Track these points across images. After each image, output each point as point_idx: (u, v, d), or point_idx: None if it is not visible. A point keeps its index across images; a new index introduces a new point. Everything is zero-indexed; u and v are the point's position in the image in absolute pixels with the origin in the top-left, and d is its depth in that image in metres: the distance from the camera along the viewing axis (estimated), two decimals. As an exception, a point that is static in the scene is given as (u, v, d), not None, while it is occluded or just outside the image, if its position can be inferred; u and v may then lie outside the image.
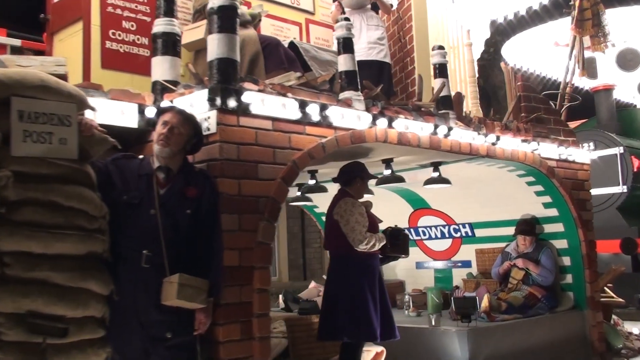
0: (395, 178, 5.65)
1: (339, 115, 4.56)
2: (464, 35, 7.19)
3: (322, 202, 8.19)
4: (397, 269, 8.43)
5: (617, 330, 7.21)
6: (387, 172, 5.61)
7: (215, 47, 4.03)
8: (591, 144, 10.63)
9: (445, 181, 6.03)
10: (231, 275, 3.88)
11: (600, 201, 10.46)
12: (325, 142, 4.49)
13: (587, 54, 8.65)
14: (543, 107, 6.75)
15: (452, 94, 5.83)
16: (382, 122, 4.83)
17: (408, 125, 5.07)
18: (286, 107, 4.24)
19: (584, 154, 7.02)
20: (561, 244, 6.94)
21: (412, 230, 8.12)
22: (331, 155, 5.04)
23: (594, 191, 10.52)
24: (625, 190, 10.24)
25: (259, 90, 4.16)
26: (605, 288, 7.74)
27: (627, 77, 11.98)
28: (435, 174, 6.03)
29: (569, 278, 6.92)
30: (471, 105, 7.26)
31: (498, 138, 5.87)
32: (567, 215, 6.78)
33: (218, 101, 3.92)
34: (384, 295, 4.97)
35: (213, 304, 3.71)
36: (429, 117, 5.34)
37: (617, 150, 10.34)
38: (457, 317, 5.68)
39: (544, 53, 12.49)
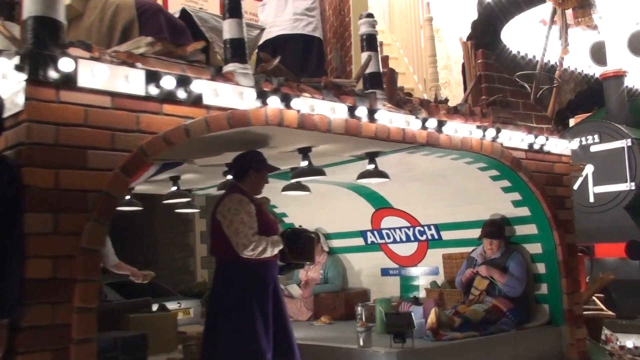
0: (313, 171, 4.76)
1: (210, 92, 3.71)
2: (423, 9, 6.26)
3: (277, 200, 7.37)
4: (362, 276, 7.55)
5: (603, 349, 6.18)
6: (304, 163, 4.72)
7: (29, 3, 3.23)
8: (596, 136, 9.56)
9: (382, 175, 5.12)
10: (41, 290, 3.07)
11: (606, 200, 9.39)
12: (190, 125, 3.64)
13: (580, 32, 7.65)
14: (509, 89, 5.78)
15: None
16: (274, 101, 3.96)
17: (314, 106, 4.18)
18: (130, 80, 3.41)
19: (561, 143, 6.02)
20: (535, 248, 5.96)
21: (375, 232, 7.22)
22: (224, 142, 4.21)
23: (599, 189, 9.50)
24: (633, 188, 9.12)
25: (92, 58, 3.33)
26: (595, 299, 6.71)
27: (640, 62, 10.84)
28: (371, 167, 5.12)
29: (544, 288, 5.94)
30: (430, 89, 6.35)
31: (442, 123, 4.94)
32: (540, 215, 5.81)
33: (27, 70, 3.11)
34: (280, 311, 4.10)
35: (7, 327, 2.91)
36: (347, 97, 4.45)
37: (624, 143, 9.23)
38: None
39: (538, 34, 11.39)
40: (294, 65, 5.14)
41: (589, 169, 9.54)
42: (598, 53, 10.82)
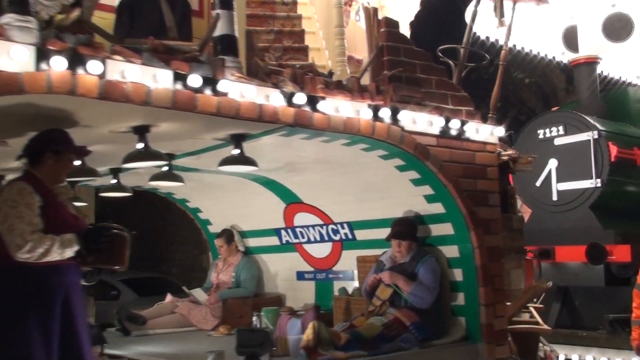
0: (150, 154, 3.92)
1: (-39, 47, 2.89)
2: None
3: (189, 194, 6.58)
4: (278, 280, 6.71)
5: (533, 370, 5.31)
6: (140, 146, 3.88)
7: None
8: (560, 127, 8.67)
9: (248, 162, 4.27)
10: None
11: (570, 198, 8.51)
12: None
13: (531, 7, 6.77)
14: (420, 64, 4.90)
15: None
16: (60, 63, 3.13)
17: (126, 71, 3.34)
18: None
19: (484, 129, 5.15)
20: (451, 251, 5.10)
21: (289, 230, 6.37)
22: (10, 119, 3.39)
23: (563, 185, 8.60)
24: (599, 185, 8.23)
25: None
26: (533, 310, 5.83)
27: (616, 48, 9.89)
28: (236, 152, 4.27)
29: (460, 298, 5.08)
30: (336, 63, 5.51)
31: (315, 99, 4.08)
32: (456, 213, 4.94)
33: None
34: (72, 326, 3.26)
35: None
36: (180, 64, 3.60)
37: (590, 136, 8.32)
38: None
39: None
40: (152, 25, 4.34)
41: (552, 164, 8.65)
42: (571, 38, 9.88)
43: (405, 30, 7.42)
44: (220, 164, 4.30)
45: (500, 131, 5.22)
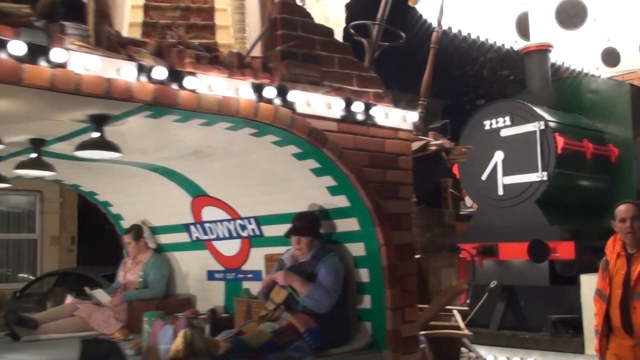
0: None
1: None
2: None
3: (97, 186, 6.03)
4: (189, 280, 6.18)
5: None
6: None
7: None
8: (507, 118, 8.20)
9: (110, 147, 3.74)
10: None
11: (516, 192, 8.06)
12: None
13: None
14: (320, 40, 4.38)
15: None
16: None
17: None
18: None
19: (395, 114, 4.63)
20: (358, 249, 4.59)
21: (198, 226, 5.85)
22: None
23: (509, 179, 8.14)
24: (545, 178, 7.77)
25: None
26: (456, 313, 5.35)
27: (569, 36, 9.45)
28: (96, 135, 3.74)
29: (367, 301, 4.57)
30: (236, 41, 4.99)
31: (180, 75, 3.55)
32: (360, 206, 4.44)
33: None
34: None
35: None
36: (5, 29, 3.06)
37: (536, 127, 7.86)
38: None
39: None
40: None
41: (498, 157, 8.19)
42: (524, 26, 9.43)
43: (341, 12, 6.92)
44: (76, 149, 3.76)
45: (414, 116, 4.71)
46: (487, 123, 8.31)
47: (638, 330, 4.37)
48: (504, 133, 8.13)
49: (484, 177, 8.26)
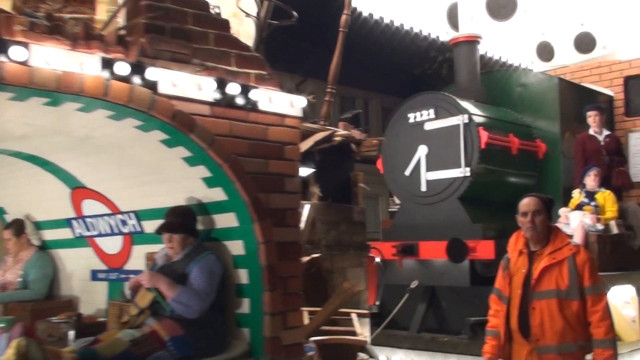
0: None
1: None
2: None
3: None
4: (73, 280, 5.66)
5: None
6: None
7: None
8: (431, 111, 7.84)
9: None
10: None
11: (439, 189, 7.71)
12: None
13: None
14: (194, 14, 3.91)
15: None
16: None
17: None
18: None
19: (281, 99, 4.20)
20: (238, 247, 4.16)
21: (80, 221, 5.34)
22: None
23: (432, 175, 7.79)
24: (468, 174, 7.43)
25: None
26: (354, 318, 4.95)
27: (499, 28, 9.19)
28: None
29: (246, 305, 4.14)
30: (107, 13, 4.50)
31: (4, 44, 3.05)
32: (238, 200, 3.99)
33: None
34: None
35: None
36: None
37: (460, 120, 7.52)
38: None
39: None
40: None
41: (422, 151, 7.83)
42: (455, 17, 9.11)
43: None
44: None
45: (303, 102, 4.28)
46: (411, 116, 7.94)
47: (535, 333, 4.04)
48: (427, 127, 7.78)
49: (407, 173, 7.89)
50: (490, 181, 7.72)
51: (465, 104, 7.64)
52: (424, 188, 7.77)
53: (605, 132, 7.90)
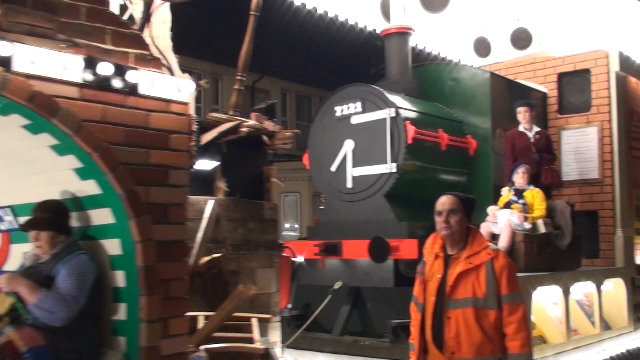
0: None
1: None
2: None
3: None
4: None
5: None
6: None
7: None
8: (358, 104, 7.51)
9: None
10: None
11: (365, 185, 7.38)
12: None
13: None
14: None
15: None
16: None
17: None
18: None
19: (168, 82, 3.80)
20: (114, 246, 3.74)
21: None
22: None
23: (358, 170, 7.46)
24: (394, 170, 7.13)
25: None
26: (254, 323, 4.57)
27: (432, 19, 8.93)
28: None
29: (123, 311, 3.72)
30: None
31: None
32: (112, 194, 3.57)
33: None
34: None
35: None
36: None
37: (387, 114, 7.21)
38: None
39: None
40: None
41: (348, 146, 7.50)
42: (388, 8, 8.80)
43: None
44: None
45: (191, 86, 3.88)
46: (338, 109, 7.61)
47: (450, 345, 3.71)
48: (354, 120, 7.45)
49: (333, 168, 7.56)
50: (418, 178, 7.44)
51: (393, 97, 7.34)
52: (349, 184, 7.45)
53: (536, 129, 7.69)
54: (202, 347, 4.09)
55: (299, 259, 7.42)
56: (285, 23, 11.26)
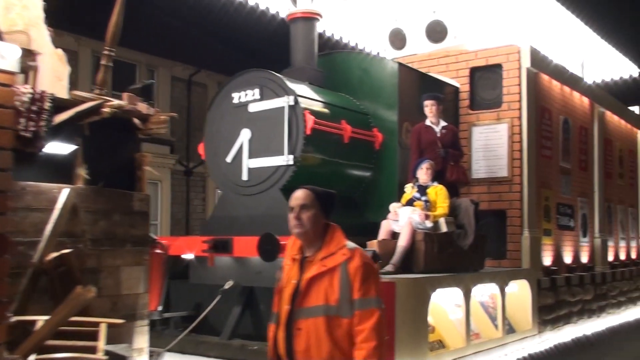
0: None
1: None
2: None
3: None
4: None
5: None
6: None
7: None
8: (256, 91, 7.02)
9: None
10: None
11: (261, 178, 6.92)
12: None
13: None
14: None
15: None
16: None
17: None
18: None
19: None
20: None
21: None
22: None
23: (255, 162, 6.97)
24: (291, 162, 6.67)
25: None
26: (102, 329, 4.01)
27: (338, 5, 8.55)
28: None
29: None
30: None
31: None
32: None
33: None
34: None
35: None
36: None
37: (285, 102, 6.74)
38: None
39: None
40: None
41: (245, 136, 7.01)
42: (297, -7, 8.33)
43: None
44: None
45: (16, 52, 3.30)
46: (235, 96, 7.10)
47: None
48: (252, 108, 6.95)
49: (228, 159, 7.05)
50: (317, 171, 7.01)
51: (293, 85, 6.88)
52: (245, 177, 6.96)
53: (443, 123, 7.37)
54: (32, 357, 3.52)
55: (189, 256, 6.90)
56: (225, 17, 10.69)
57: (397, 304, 5.69)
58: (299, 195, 3.41)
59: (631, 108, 13.33)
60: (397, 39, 9.98)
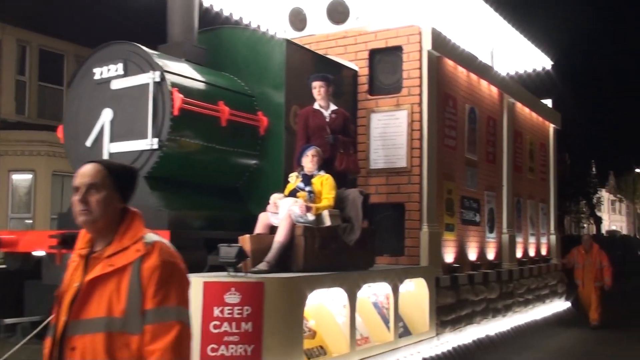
0: None
1: None
2: None
3: None
4: None
5: None
6: None
7: None
8: (120, 66, 6.19)
9: None
10: None
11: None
12: None
13: None
14: None
15: None
16: None
17: None
18: None
19: None
20: None
21: None
22: None
23: (116, 146, 6.09)
24: (155, 146, 5.87)
25: None
26: None
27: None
28: None
29: None
30: None
31: None
32: None
33: None
34: None
35: None
36: None
37: (150, 78, 5.93)
38: None
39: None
40: None
41: (106, 116, 6.17)
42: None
43: None
44: None
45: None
46: (97, 71, 6.25)
47: None
48: (114, 85, 6.12)
49: (88, 143, 6.19)
50: (191, 158, 6.25)
51: (161, 60, 6.08)
52: (108, 162, 6.09)
53: (332, 107, 6.69)
54: None
55: (40, 252, 6.02)
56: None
57: (265, 308, 4.98)
58: (86, 172, 2.58)
59: (544, 101, 13.02)
60: (298, 20, 9.27)
